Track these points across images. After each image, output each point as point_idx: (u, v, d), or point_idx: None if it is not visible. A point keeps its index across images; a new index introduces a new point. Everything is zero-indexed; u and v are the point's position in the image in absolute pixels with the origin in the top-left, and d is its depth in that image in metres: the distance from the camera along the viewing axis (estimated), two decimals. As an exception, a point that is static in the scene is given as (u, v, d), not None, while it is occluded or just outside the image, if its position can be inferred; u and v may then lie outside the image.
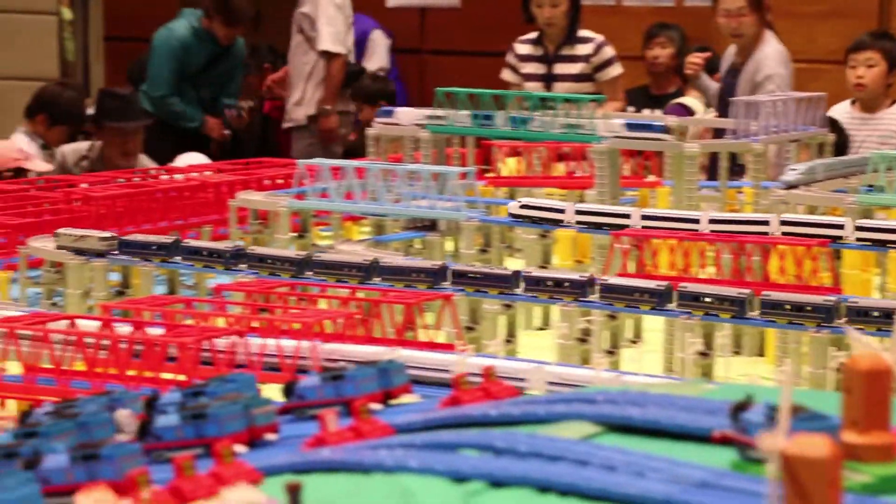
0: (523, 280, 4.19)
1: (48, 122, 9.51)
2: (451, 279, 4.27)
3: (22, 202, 5.58)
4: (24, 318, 3.65)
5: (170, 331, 3.59)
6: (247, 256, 4.48)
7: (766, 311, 3.87)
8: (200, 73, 10.60)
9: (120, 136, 9.36)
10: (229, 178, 5.96)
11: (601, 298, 4.08)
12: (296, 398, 2.76)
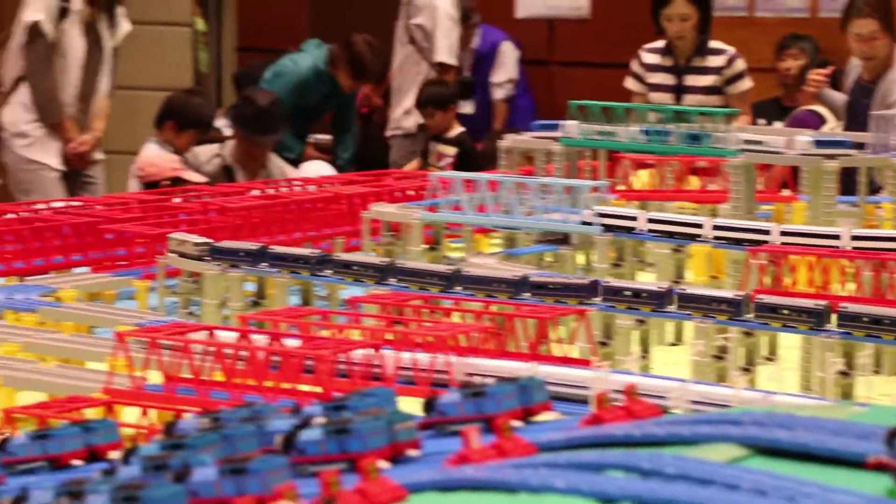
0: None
1: (177, 129, 9.67)
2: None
3: (160, 212, 5.66)
4: (164, 328, 3.70)
5: (307, 343, 3.61)
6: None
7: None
8: (312, 108, 10.74)
9: (251, 146, 9.50)
10: (362, 189, 5.99)
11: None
12: (436, 414, 2.76)
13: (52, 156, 9.09)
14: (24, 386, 3.48)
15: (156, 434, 3.05)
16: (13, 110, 9.11)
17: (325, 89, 10.84)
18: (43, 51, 8.90)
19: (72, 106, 9.09)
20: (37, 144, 9.06)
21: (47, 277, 4.86)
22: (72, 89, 9.07)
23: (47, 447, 2.72)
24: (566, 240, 5.33)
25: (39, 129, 9.04)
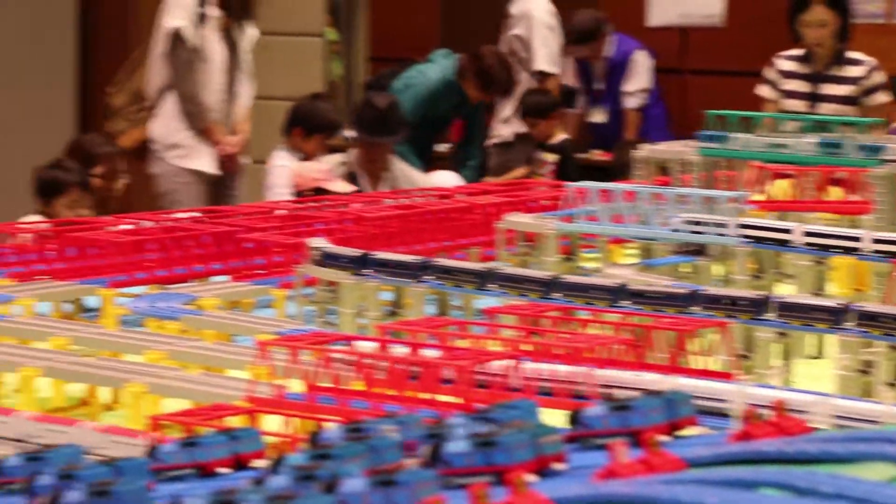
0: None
1: (304, 135, 9.78)
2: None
3: (296, 222, 5.71)
4: (305, 337, 3.72)
5: (445, 353, 3.62)
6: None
7: None
8: (440, 119, 10.81)
9: (371, 148, 9.56)
10: (497, 199, 5.99)
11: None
12: (581, 427, 2.74)
13: (205, 163, 9.23)
14: (169, 393, 3.53)
15: (298, 443, 3.07)
16: (163, 122, 9.26)
17: (454, 99, 10.89)
18: (186, 56, 9.05)
19: (216, 111, 9.23)
20: (191, 153, 9.20)
21: (188, 286, 4.93)
22: (215, 94, 9.21)
23: (195, 454, 2.76)
24: (703, 251, 5.27)
25: (191, 137, 9.18)
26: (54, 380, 3.69)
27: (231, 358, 3.87)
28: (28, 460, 2.65)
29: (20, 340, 4.05)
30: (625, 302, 4.28)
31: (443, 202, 6.01)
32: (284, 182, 9.71)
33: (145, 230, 5.27)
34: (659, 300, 4.24)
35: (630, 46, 12.44)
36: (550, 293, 4.40)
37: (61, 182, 8.32)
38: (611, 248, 5.97)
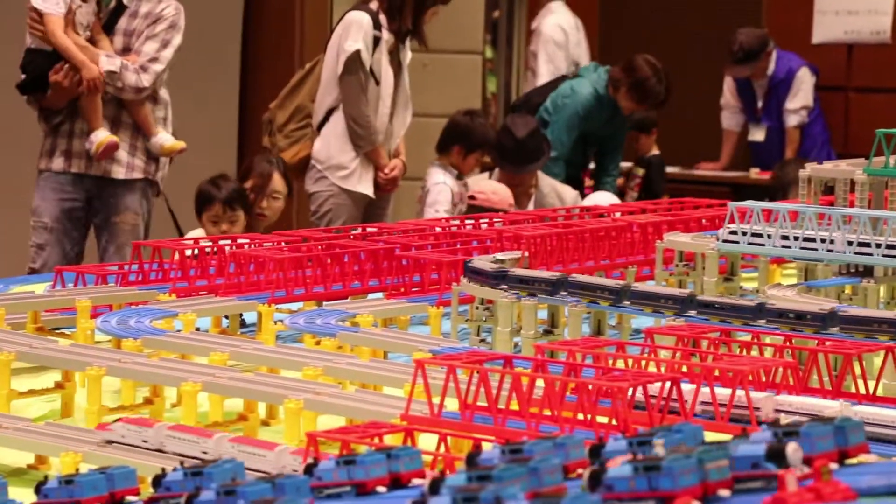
0: None
1: (464, 152, 9.78)
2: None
3: (454, 239, 5.70)
4: (461, 355, 3.70)
5: (603, 374, 3.56)
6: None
7: None
8: (594, 134, 10.77)
9: (513, 178, 9.53)
10: (656, 218, 5.91)
11: None
12: (745, 452, 2.66)
13: (367, 185, 9.30)
14: (325, 410, 3.53)
15: (455, 463, 3.04)
16: (328, 142, 9.33)
17: (607, 113, 10.81)
18: (362, 80, 9.12)
19: (382, 133, 9.29)
20: (355, 174, 9.27)
21: (345, 303, 4.94)
22: (383, 117, 9.26)
23: (353, 473, 2.74)
24: (869, 272, 5.13)
25: (355, 159, 9.25)
26: (213, 395, 3.71)
27: (387, 375, 3.86)
28: (190, 475, 2.66)
29: (181, 355, 4.10)
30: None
31: (601, 220, 5.95)
32: (445, 199, 9.74)
33: (305, 247, 5.30)
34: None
35: (793, 63, 12.24)
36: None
37: (206, 197, 8.44)
38: (771, 269, 5.86)
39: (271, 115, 9.67)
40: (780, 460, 2.42)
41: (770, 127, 12.40)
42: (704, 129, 13.40)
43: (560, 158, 10.62)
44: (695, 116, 13.66)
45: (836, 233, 4.87)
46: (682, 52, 13.84)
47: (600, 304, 4.58)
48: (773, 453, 2.41)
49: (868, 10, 10.66)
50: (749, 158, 12.76)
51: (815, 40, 12.73)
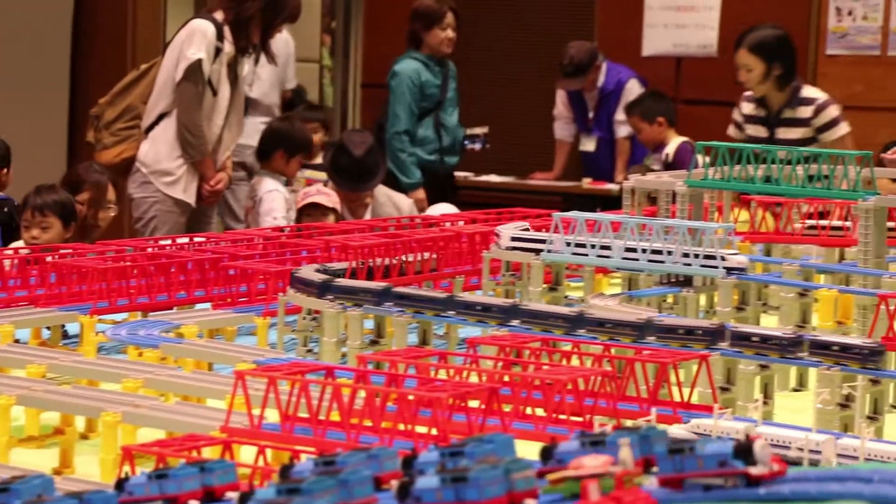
0: (808, 343, 4.04)
1: (286, 157, 9.78)
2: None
3: (282, 249, 5.69)
4: (283, 366, 3.70)
5: (424, 384, 3.59)
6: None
7: None
8: (438, 107, 10.80)
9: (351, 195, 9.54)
10: (483, 228, 5.97)
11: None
12: (554, 462, 2.71)
13: (191, 193, 9.21)
14: (144, 423, 3.50)
15: (272, 475, 3.04)
16: (155, 146, 9.22)
17: (438, 73, 10.90)
18: (200, 89, 9.03)
19: (212, 144, 9.22)
20: (181, 182, 9.17)
21: (170, 313, 4.90)
22: (215, 128, 9.19)
23: (165, 487, 2.73)
24: (688, 282, 5.26)
25: (183, 166, 9.16)
26: (29, 408, 3.66)
27: (209, 387, 3.84)
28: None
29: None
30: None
31: (429, 231, 5.99)
32: (280, 206, 9.70)
33: (128, 256, 5.25)
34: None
35: (622, 75, 12.47)
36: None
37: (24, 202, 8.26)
38: (596, 278, 5.96)
39: (99, 111, 9.51)
40: (748, 457, 2.45)
41: (601, 137, 12.61)
42: (538, 139, 13.57)
43: (405, 131, 10.66)
44: (528, 127, 13.83)
45: (658, 243, 4.98)
46: (516, 64, 14.01)
47: (426, 315, 4.62)
48: (741, 451, 2.44)
49: (696, 24, 10.91)
50: (581, 168, 12.96)
51: (645, 53, 12.99)
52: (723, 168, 5.56)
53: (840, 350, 3.98)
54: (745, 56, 9.40)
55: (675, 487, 2.51)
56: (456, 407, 3.50)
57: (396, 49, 14.30)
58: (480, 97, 14.14)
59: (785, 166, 5.57)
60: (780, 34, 9.56)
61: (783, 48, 9.43)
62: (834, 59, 12.35)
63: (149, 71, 9.52)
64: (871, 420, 4.10)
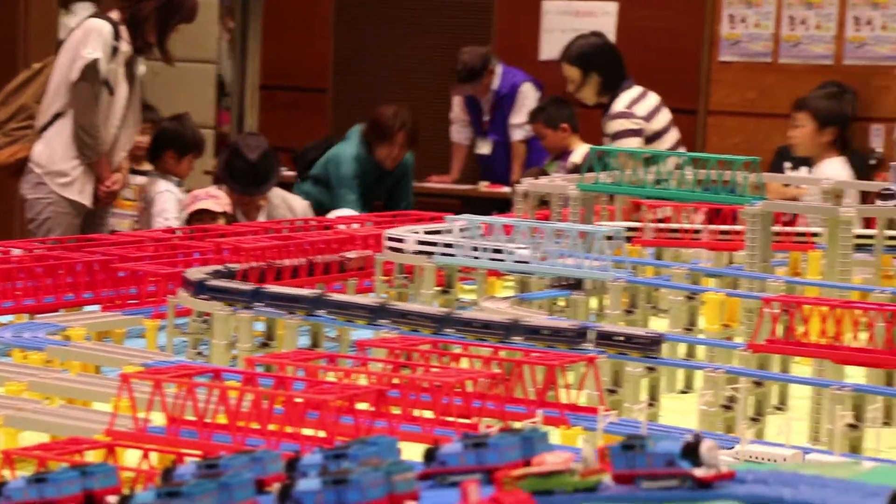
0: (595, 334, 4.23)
1: (176, 157, 9.72)
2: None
3: (173, 251, 5.66)
4: (169, 369, 3.68)
5: (311, 387, 3.59)
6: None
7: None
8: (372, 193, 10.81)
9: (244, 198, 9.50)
10: (377, 231, 5.98)
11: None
12: (437, 464, 2.73)
13: (87, 195, 9.11)
14: (26, 426, 3.47)
15: (155, 478, 3.03)
16: (50, 147, 9.10)
17: (374, 172, 10.80)
18: (97, 89, 8.93)
19: (108, 145, 9.12)
20: (76, 183, 9.06)
21: (57, 315, 4.85)
22: (112, 129, 9.10)
23: (44, 491, 2.69)
24: (579, 285, 5.31)
25: (78, 167, 9.05)
26: None
27: (94, 390, 3.81)
28: None
29: None
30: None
31: (323, 233, 5.98)
32: (173, 207, 9.63)
33: (15, 258, 5.18)
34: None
35: (517, 79, 12.54)
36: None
37: None
38: (490, 281, 6.00)
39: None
40: (694, 458, 2.43)
41: (496, 141, 12.67)
42: (435, 142, 13.61)
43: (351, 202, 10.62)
44: (426, 130, 13.85)
45: (549, 246, 5.02)
46: (413, 67, 14.04)
47: (297, 315, 4.63)
48: (687, 451, 2.43)
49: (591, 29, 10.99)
50: (478, 171, 13.02)
51: (543, 57, 13.08)
52: (614, 172, 5.62)
53: (624, 340, 4.17)
54: (565, 68, 9.78)
55: (627, 484, 2.48)
56: (343, 409, 3.51)
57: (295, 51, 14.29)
58: (377, 99, 14.14)
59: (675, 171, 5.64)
60: (598, 43, 9.84)
61: (600, 57, 9.70)
62: (727, 66, 12.52)
63: (42, 70, 9.40)
64: (753, 421, 4.17)
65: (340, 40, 14.31)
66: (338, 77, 14.42)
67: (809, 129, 10.00)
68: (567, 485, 2.46)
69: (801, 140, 10.06)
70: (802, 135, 10.02)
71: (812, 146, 10.00)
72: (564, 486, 2.46)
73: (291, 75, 14.25)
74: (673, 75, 11.37)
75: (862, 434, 3.93)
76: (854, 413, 3.90)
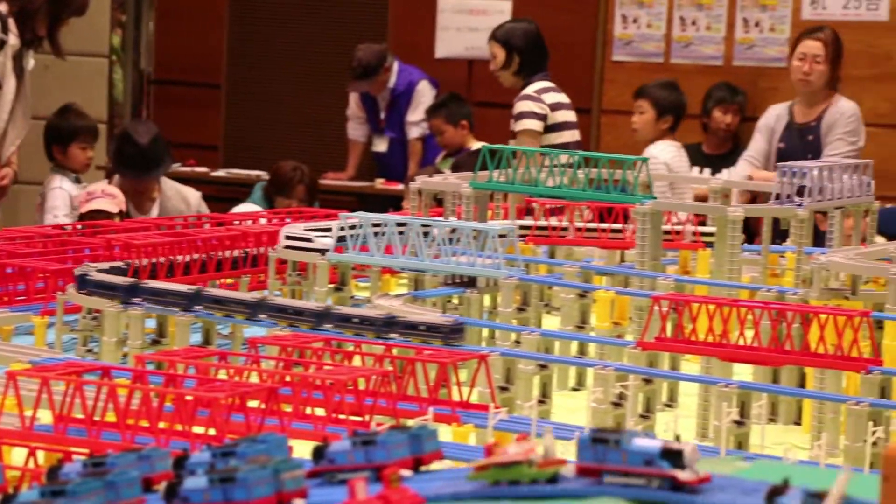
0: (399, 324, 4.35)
1: (62, 149, 9.62)
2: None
3: (63, 248, 5.59)
4: (58, 367, 3.64)
5: (202, 384, 3.57)
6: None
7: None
8: None
9: (136, 185, 9.42)
10: (270, 228, 5.96)
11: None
12: (325, 462, 2.73)
13: None
14: None
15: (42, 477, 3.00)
16: None
17: None
18: None
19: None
20: None
21: (-57, 312, 4.78)
22: (0, 123, 8.95)
23: (-76, 490, 2.67)
24: (473, 283, 5.34)
25: None
26: None
27: (-20, 388, 3.75)
28: None
29: None
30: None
31: (216, 230, 5.95)
32: (64, 204, 9.51)
33: None
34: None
35: (414, 77, 12.56)
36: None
37: None
38: (385, 279, 6.00)
39: None
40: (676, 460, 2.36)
41: (393, 138, 12.69)
42: (331, 139, 13.59)
43: None
44: (322, 127, 13.83)
45: (442, 244, 5.04)
46: (309, 63, 13.99)
47: (170, 310, 4.63)
48: (669, 452, 2.37)
49: (487, 27, 11.02)
50: (374, 169, 13.02)
51: (438, 55, 13.11)
52: (507, 171, 5.65)
53: (426, 329, 4.29)
54: (492, 45, 9.95)
55: (592, 477, 2.42)
56: (235, 407, 3.50)
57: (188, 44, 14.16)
58: (274, 95, 14.09)
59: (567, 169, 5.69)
60: (526, 28, 9.98)
61: (525, 41, 9.84)
62: (620, 66, 12.65)
63: None
64: (642, 418, 4.22)
65: (235, 35, 14.22)
66: (232, 72, 14.33)
67: (650, 116, 10.63)
68: (525, 475, 2.44)
69: (642, 126, 10.67)
70: (643, 121, 10.64)
71: (652, 131, 10.60)
72: (523, 477, 2.44)
73: (184, 70, 14.14)
74: (567, 74, 11.43)
75: (748, 430, 4.00)
76: (740, 410, 3.96)
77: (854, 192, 5.59)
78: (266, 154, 11.98)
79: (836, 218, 5.52)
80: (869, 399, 3.91)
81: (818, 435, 4.11)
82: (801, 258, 5.31)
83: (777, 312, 4.31)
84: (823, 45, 9.32)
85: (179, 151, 13.00)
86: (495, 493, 2.39)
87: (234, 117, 14.27)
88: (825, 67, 9.27)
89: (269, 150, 13.87)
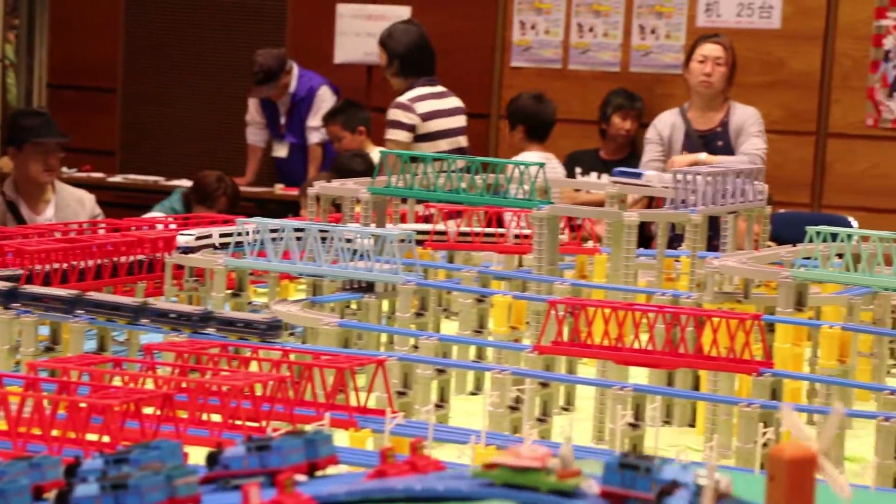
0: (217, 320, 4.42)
1: None
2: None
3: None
4: (-53, 375, 3.59)
5: (96, 392, 3.54)
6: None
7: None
8: None
9: (42, 153, 9.34)
10: (167, 233, 5.90)
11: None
12: (220, 468, 2.72)
13: None
14: None
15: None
16: None
17: None
18: None
19: None
20: None
21: None
22: None
23: None
24: (371, 288, 5.34)
25: None
26: None
27: None
28: None
29: None
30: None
31: (112, 235, 5.88)
32: None
33: None
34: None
35: (314, 82, 12.54)
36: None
37: None
38: (283, 284, 5.98)
39: None
40: None
41: (293, 143, 12.65)
42: (231, 144, 13.52)
43: None
44: (221, 132, 13.75)
45: (340, 249, 5.03)
46: (207, 68, 13.91)
47: (50, 314, 4.61)
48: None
49: (379, 33, 11.10)
50: (274, 174, 12.97)
51: (337, 60, 13.09)
52: (404, 176, 5.66)
53: (244, 325, 4.36)
54: (379, 48, 10.05)
55: (616, 502, 2.30)
56: (129, 414, 3.47)
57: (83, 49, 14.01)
58: (172, 100, 13.98)
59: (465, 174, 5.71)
60: (404, 28, 10.06)
61: (401, 42, 9.89)
62: (518, 72, 12.72)
63: None
64: (539, 422, 4.25)
65: (131, 40, 14.09)
66: (128, 77, 14.20)
67: (506, 133, 11.01)
68: (542, 484, 2.31)
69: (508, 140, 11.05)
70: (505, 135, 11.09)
71: (510, 145, 10.87)
72: (541, 485, 2.32)
73: (79, 74, 14.00)
74: (466, 80, 11.50)
75: (643, 433, 4.04)
76: (635, 412, 4.00)
77: (747, 197, 5.67)
78: (164, 160, 11.89)
79: (730, 223, 5.60)
80: (760, 401, 3.98)
81: (711, 437, 4.16)
82: (696, 262, 5.38)
83: (671, 316, 4.36)
84: (723, 49, 9.45)
85: (75, 157, 12.86)
86: (389, 492, 2.40)
87: (130, 123, 14.13)
88: (726, 70, 9.41)
89: (166, 155, 13.77)
